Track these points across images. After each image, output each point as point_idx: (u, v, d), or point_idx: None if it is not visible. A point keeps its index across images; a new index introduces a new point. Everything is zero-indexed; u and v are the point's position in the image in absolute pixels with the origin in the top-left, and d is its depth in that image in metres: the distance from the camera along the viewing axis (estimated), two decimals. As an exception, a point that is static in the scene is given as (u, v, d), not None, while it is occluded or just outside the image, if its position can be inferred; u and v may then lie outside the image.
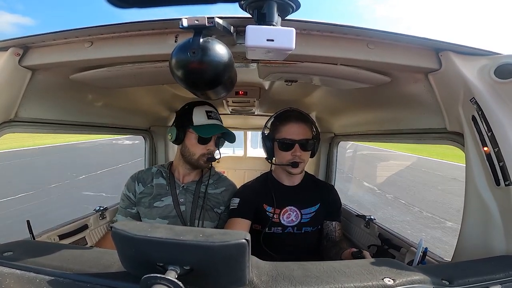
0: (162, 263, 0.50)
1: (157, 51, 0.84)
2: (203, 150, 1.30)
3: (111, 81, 1.12)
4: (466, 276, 0.62)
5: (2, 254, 0.65)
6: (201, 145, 1.30)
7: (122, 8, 0.49)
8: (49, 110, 1.16)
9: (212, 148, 1.32)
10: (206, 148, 1.30)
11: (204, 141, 1.29)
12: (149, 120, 2.04)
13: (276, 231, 1.34)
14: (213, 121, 1.31)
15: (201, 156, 1.30)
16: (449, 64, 0.83)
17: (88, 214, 1.58)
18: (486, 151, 0.81)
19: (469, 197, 0.86)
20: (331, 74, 1.02)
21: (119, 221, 1.36)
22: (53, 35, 0.86)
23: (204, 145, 1.30)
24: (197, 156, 1.30)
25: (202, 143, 1.29)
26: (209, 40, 0.65)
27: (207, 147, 1.30)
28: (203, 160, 1.31)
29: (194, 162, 1.32)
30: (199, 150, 1.30)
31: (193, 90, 0.73)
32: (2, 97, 0.92)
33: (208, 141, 1.30)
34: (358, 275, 0.60)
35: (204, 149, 1.30)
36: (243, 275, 0.51)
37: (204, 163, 1.32)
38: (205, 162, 1.32)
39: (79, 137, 15.29)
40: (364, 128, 1.66)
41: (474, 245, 0.85)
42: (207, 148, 1.30)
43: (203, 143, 1.30)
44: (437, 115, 1.00)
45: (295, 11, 0.67)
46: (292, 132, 1.29)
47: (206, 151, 1.30)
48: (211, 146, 1.31)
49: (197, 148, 1.30)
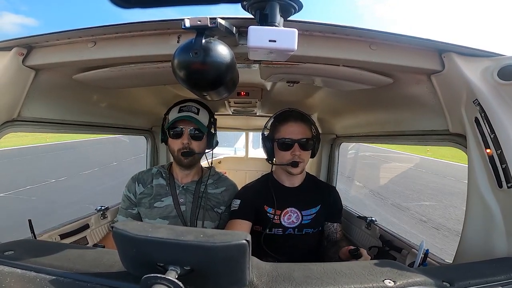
0: (163, 263, 0.50)
1: (160, 52, 0.84)
2: (179, 145, 1.29)
3: (114, 81, 1.13)
4: (467, 278, 0.62)
5: (3, 253, 0.66)
6: (176, 140, 1.29)
7: (124, 8, 0.49)
8: (52, 109, 1.17)
9: (185, 141, 1.28)
10: (181, 143, 1.28)
11: (176, 135, 1.28)
12: (151, 121, 2.05)
13: (277, 232, 1.34)
14: (183, 113, 1.29)
15: (178, 151, 1.29)
16: (452, 65, 0.83)
17: (89, 213, 1.59)
18: (488, 153, 0.80)
19: (471, 199, 0.86)
20: (333, 75, 1.02)
21: (120, 221, 1.36)
22: (57, 35, 0.86)
23: (178, 139, 1.28)
24: (176, 152, 1.30)
25: (175, 137, 1.29)
26: (212, 41, 0.65)
27: (182, 140, 1.28)
28: (180, 155, 1.29)
29: (176, 159, 1.32)
30: (175, 145, 1.29)
31: (195, 90, 0.73)
32: (6, 96, 0.93)
33: (180, 135, 1.28)
34: (358, 277, 0.59)
35: (179, 144, 1.28)
36: (243, 276, 0.51)
37: (184, 159, 1.30)
38: (184, 158, 1.29)
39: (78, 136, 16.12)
40: (366, 129, 1.66)
41: (476, 247, 0.84)
42: (182, 141, 1.28)
43: (176, 138, 1.29)
44: (440, 116, 1.00)
45: (297, 12, 0.67)
46: (291, 131, 1.29)
47: (181, 146, 1.28)
48: (184, 139, 1.28)
49: (174, 143, 1.30)
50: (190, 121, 1.27)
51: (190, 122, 1.28)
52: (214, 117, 1.40)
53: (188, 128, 1.29)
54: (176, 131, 1.28)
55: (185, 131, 1.28)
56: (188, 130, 1.29)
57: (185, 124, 1.28)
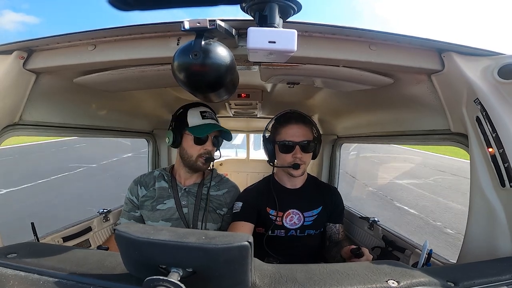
0: (165, 265, 0.50)
1: (160, 54, 0.84)
2: (200, 151, 1.29)
3: (114, 84, 1.13)
4: (471, 278, 0.61)
5: (6, 255, 0.66)
6: (198, 145, 1.29)
7: (123, 11, 0.49)
8: (53, 113, 1.17)
9: (209, 148, 1.31)
10: (203, 148, 1.29)
11: (200, 142, 1.29)
12: (152, 123, 2.05)
13: (279, 234, 1.34)
14: (207, 120, 1.31)
15: (198, 157, 1.30)
16: (452, 65, 0.83)
17: (92, 216, 1.59)
18: (491, 152, 0.80)
19: (474, 198, 0.85)
20: (333, 76, 1.02)
21: (122, 224, 1.36)
22: (57, 38, 0.86)
23: (201, 145, 1.29)
24: (194, 157, 1.30)
25: (198, 143, 1.29)
26: (211, 43, 0.65)
27: (204, 147, 1.30)
28: (201, 161, 1.30)
29: (193, 164, 1.31)
30: (196, 151, 1.30)
31: (196, 92, 0.73)
32: (7, 100, 0.93)
33: (205, 141, 1.30)
34: (361, 277, 0.59)
35: (201, 150, 1.29)
36: (245, 278, 0.51)
37: (203, 165, 1.31)
38: (203, 164, 1.31)
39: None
40: (367, 130, 1.66)
41: (480, 246, 0.84)
42: (204, 148, 1.30)
43: (199, 144, 1.29)
44: (441, 116, 1.00)
45: (296, 13, 0.67)
46: (292, 134, 1.28)
47: (203, 151, 1.30)
48: (208, 146, 1.30)
49: (194, 149, 1.30)
50: (214, 129, 1.30)
51: (214, 129, 1.30)
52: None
53: (213, 135, 1.31)
54: (202, 138, 1.29)
55: (209, 138, 1.31)
56: (212, 137, 1.31)
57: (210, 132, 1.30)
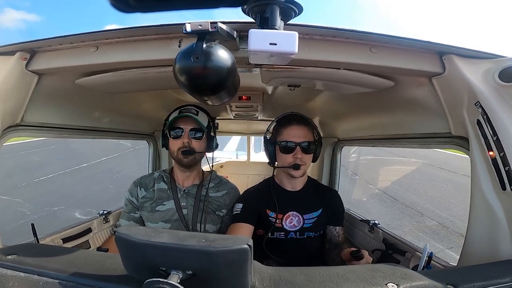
0: (165, 267, 0.50)
1: (161, 56, 0.85)
2: (179, 144, 1.30)
3: (116, 86, 1.14)
4: (472, 280, 0.61)
5: (6, 256, 0.66)
6: (176, 140, 1.31)
7: (125, 13, 0.50)
8: (55, 114, 1.17)
9: (185, 140, 1.30)
10: (181, 142, 1.30)
11: (176, 135, 1.31)
12: (153, 125, 2.05)
13: (279, 236, 1.34)
14: (182, 114, 1.31)
15: (178, 151, 1.31)
16: (453, 67, 0.83)
17: (92, 217, 1.59)
18: (491, 156, 0.80)
19: (475, 201, 0.85)
20: (334, 78, 1.02)
21: (122, 226, 1.36)
22: (59, 40, 0.87)
23: (178, 139, 1.30)
24: (175, 152, 1.31)
25: (175, 137, 1.31)
26: (212, 45, 0.65)
27: (182, 140, 1.30)
28: (180, 154, 1.30)
29: (176, 159, 1.33)
30: (175, 145, 1.31)
31: (197, 95, 0.73)
32: (9, 101, 0.93)
33: (180, 135, 1.30)
34: (361, 280, 0.59)
35: (179, 143, 1.30)
36: (245, 280, 0.51)
37: (183, 158, 1.31)
38: (184, 156, 1.31)
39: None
40: (368, 132, 1.66)
41: (480, 249, 0.84)
42: (182, 141, 1.30)
43: (176, 138, 1.31)
44: (442, 119, 1.00)
45: (298, 15, 0.67)
46: (293, 134, 1.29)
47: (181, 145, 1.30)
48: (185, 138, 1.30)
49: (174, 144, 1.31)
50: (189, 121, 1.30)
51: (190, 121, 1.30)
52: (214, 121, 1.41)
53: (188, 127, 1.31)
54: (176, 131, 1.30)
55: (185, 130, 1.31)
56: (188, 130, 1.31)
57: (185, 124, 1.31)
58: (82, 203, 5.85)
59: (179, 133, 1.30)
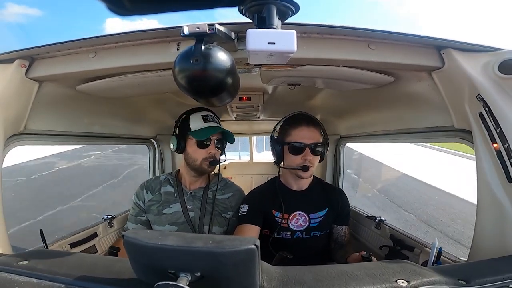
0: (174, 270, 0.50)
1: (160, 60, 0.85)
2: (204, 154, 1.31)
3: (116, 91, 1.14)
4: (483, 275, 0.60)
5: (17, 263, 0.66)
6: (202, 149, 1.30)
7: (122, 16, 0.50)
8: (57, 122, 1.18)
9: (213, 151, 1.32)
10: (207, 152, 1.31)
11: (204, 145, 1.30)
12: (155, 129, 2.06)
13: (285, 236, 1.33)
14: (209, 123, 1.31)
15: (203, 161, 1.31)
16: (452, 61, 0.83)
17: (97, 222, 1.60)
18: (496, 148, 0.79)
19: (482, 195, 0.84)
20: (334, 76, 1.02)
21: (130, 229, 1.37)
22: (57, 46, 0.87)
23: (205, 149, 1.30)
24: (199, 161, 1.31)
25: (201, 147, 1.30)
26: (211, 47, 0.65)
27: (208, 150, 1.31)
28: (205, 164, 1.31)
29: (198, 167, 1.32)
30: (200, 155, 1.31)
31: (197, 98, 0.73)
32: (11, 109, 0.93)
33: (208, 145, 1.31)
34: (370, 278, 0.58)
35: (205, 153, 1.31)
36: (253, 281, 0.51)
37: (208, 167, 1.32)
38: (208, 166, 1.32)
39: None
40: (370, 129, 1.65)
41: (490, 243, 0.83)
42: (208, 151, 1.31)
43: (203, 147, 1.30)
44: (444, 113, 0.99)
45: (294, 14, 0.67)
46: (303, 136, 1.28)
47: (207, 155, 1.31)
48: (212, 149, 1.31)
49: (198, 153, 1.31)
50: (216, 132, 1.31)
51: (217, 132, 1.32)
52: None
53: (215, 138, 1.32)
54: (206, 141, 1.30)
55: (212, 141, 1.32)
56: (215, 141, 1.32)
57: (213, 135, 1.31)
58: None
59: (208, 143, 1.31)
